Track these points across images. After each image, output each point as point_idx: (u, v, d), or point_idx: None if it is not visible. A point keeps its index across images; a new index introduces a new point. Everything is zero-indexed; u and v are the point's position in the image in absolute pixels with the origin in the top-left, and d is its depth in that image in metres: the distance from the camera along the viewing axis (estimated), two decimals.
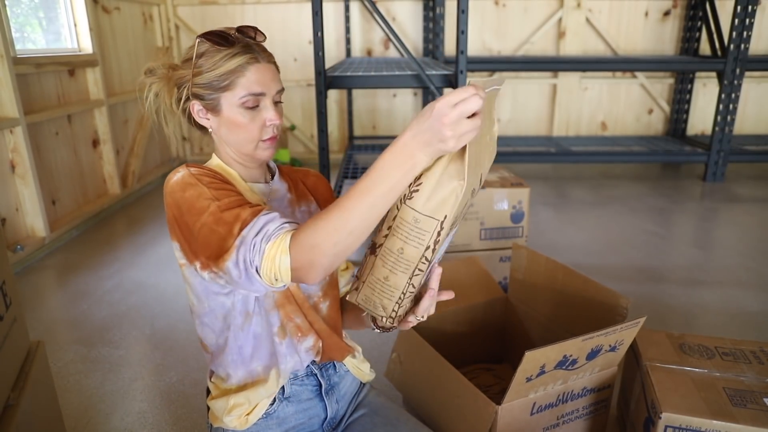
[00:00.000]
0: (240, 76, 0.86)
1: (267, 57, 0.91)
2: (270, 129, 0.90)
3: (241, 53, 0.86)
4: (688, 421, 1.13)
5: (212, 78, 0.87)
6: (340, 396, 1.04)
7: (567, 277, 1.46)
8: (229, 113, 0.88)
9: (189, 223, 0.81)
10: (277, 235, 0.75)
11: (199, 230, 0.80)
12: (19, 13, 3.00)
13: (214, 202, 0.80)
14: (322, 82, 2.72)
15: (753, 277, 2.45)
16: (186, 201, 0.82)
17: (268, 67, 0.90)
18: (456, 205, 0.69)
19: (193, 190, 0.82)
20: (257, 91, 0.87)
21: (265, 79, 0.88)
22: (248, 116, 0.88)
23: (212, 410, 0.99)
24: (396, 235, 0.73)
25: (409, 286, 0.76)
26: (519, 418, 1.16)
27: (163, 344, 1.98)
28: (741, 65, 3.69)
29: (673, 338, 1.40)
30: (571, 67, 4.08)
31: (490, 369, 1.69)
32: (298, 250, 0.72)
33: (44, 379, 1.16)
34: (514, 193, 2.11)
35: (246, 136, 0.89)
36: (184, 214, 0.82)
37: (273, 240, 0.74)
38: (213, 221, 0.79)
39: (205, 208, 0.80)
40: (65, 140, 3.10)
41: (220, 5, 4.45)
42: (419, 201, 0.70)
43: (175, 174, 0.86)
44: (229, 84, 0.87)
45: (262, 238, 0.75)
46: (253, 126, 0.89)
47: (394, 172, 0.67)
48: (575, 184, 4.02)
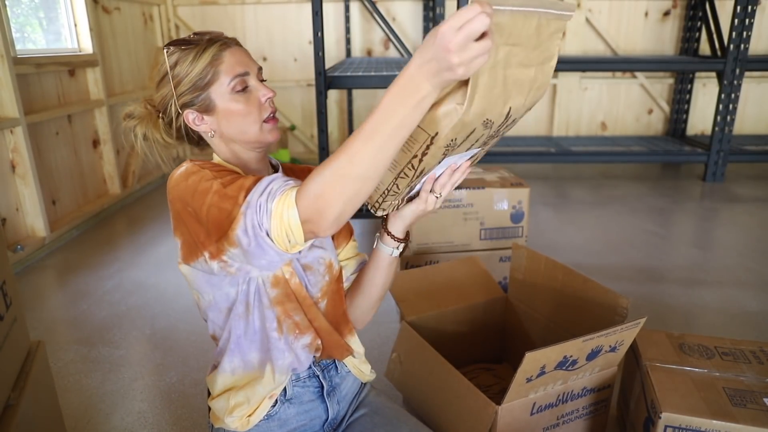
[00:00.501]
0: (219, 64, 0.86)
1: (234, 41, 0.91)
2: (268, 106, 0.90)
3: (210, 44, 0.87)
4: (688, 421, 1.13)
5: (194, 79, 0.86)
6: (341, 397, 1.04)
7: (567, 277, 1.46)
8: (223, 104, 0.88)
9: (196, 208, 0.81)
10: (282, 190, 0.73)
11: (207, 212, 0.79)
12: (19, 13, 3.01)
13: (216, 181, 0.80)
14: (322, 82, 2.72)
15: (753, 277, 2.45)
16: (189, 187, 0.82)
17: (239, 49, 0.90)
18: (450, 127, 0.66)
19: (195, 176, 0.83)
20: (241, 71, 0.87)
21: (244, 59, 0.89)
22: (242, 100, 0.88)
23: (213, 410, 0.98)
24: None
25: (393, 185, 0.81)
26: (519, 418, 1.16)
27: (163, 344, 1.98)
28: (741, 65, 3.69)
29: (672, 338, 1.40)
30: (570, 67, 4.08)
31: (490, 369, 1.69)
32: (305, 201, 0.70)
33: (44, 379, 1.16)
34: (514, 193, 2.11)
35: (247, 120, 0.88)
36: (189, 203, 0.82)
37: (278, 197, 0.73)
38: (218, 199, 0.79)
39: (209, 189, 0.80)
40: (65, 140, 3.11)
41: (220, 5, 4.45)
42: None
43: (178, 168, 0.87)
44: (212, 77, 0.87)
45: (267, 198, 0.74)
46: (250, 107, 0.88)
47: (401, 108, 0.62)
48: (575, 184, 4.02)
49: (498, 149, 4.09)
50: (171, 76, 0.88)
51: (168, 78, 0.88)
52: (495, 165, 2.53)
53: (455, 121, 0.66)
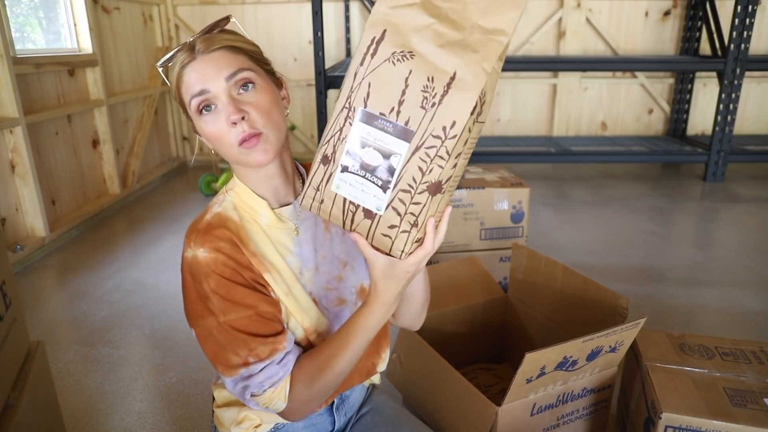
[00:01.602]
0: (181, 84, 0.76)
1: (207, 46, 0.75)
2: (238, 128, 0.75)
3: (178, 58, 0.76)
4: (689, 421, 1.12)
5: (177, 100, 0.79)
6: (348, 408, 1.02)
7: (567, 277, 1.46)
8: (199, 128, 0.79)
9: (192, 311, 0.80)
10: (283, 378, 0.80)
11: (204, 340, 0.80)
12: (18, 13, 3.00)
13: (220, 317, 0.77)
14: (322, 82, 2.72)
15: (753, 276, 2.45)
16: (190, 297, 0.80)
17: (207, 58, 0.75)
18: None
19: (202, 286, 0.77)
20: (196, 91, 0.75)
21: (205, 72, 0.74)
22: (210, 121, 0.76)
23: (219, 417, 0.95)
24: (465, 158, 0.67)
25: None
26: (519, 418, 1.16)
27: (163, 344, 1.98)
28: (741, 65, 3.68)
29: (673, 338, 1.40)
30: (571, 67, 4.08)
31: (490, 369, 1.69)
32: (296, 402, 0.80)
33: (44, 380, 1.16)
34: (514, 193, 2.11)
35: (221, 144, 0.77)
36: (192, 301, 0.80)
37: (277, 387, 0.79)
38: (217, 343, 0.78)
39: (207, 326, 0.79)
40: (65, 140, 3.10)
41: (220, 5, 4.45)
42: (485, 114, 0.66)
43: (187, 247, 0.78)
44: (182, 99, 0.78)
45: (270, 385, 0.79)
46: (219, 131, 0.76)
47: (375, 329, 0.79)
48: (575, 184, 4.01)
49: (498, 149, 4.09)
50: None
51: None
52: (495, 165, 2.53)
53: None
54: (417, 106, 0.62)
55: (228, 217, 0.82)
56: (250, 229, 0.82)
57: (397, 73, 0.63)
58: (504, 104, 4.71)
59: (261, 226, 0.83)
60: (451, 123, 0.61)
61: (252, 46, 0.80)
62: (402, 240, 0.68)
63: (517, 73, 4.59)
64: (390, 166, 0.65)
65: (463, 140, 0.63)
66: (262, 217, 0.84)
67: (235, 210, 0.83)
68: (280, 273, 0.84)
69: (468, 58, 0.60)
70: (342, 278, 0.91)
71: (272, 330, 0.80)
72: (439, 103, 0.62)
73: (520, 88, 4.66)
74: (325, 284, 0.89)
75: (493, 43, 0.60)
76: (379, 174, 0.65)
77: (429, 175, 0.63)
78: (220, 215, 0.82)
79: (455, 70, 0.61)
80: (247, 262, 0.80)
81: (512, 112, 4.75)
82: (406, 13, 0.63)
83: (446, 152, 0.62)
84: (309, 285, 0.87)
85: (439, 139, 0.62)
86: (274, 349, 0.79)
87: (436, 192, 0.64)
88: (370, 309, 0.78)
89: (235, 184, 0.86)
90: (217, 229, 0.79)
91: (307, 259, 0.87)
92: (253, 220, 0.83)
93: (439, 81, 0.61)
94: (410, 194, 0.65)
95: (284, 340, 0.80)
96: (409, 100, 0.63)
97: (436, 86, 0.62)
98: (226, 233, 0.79)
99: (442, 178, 0.64)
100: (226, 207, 0.83)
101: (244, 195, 0.84)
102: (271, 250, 0.83)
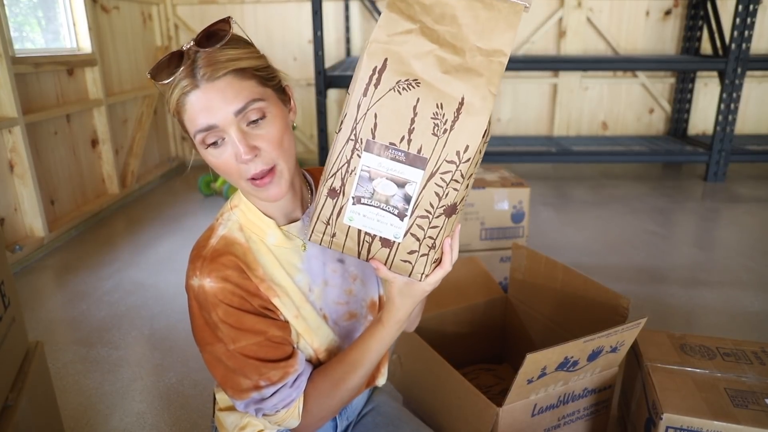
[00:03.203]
0: (183, 113, 0.69)
1: (211, 73, 0.67)
2: (249, 165, 0.70)
3: (182, 82, 0.67)
4: (689, 421, 1.12)
5: (173, 115, 0.72)
6: (351, 412, 1.02)
7: (567, 277, 1.45)
8: (203, 155, 0.73)
9: (200, 337, 0.78)
10: (296, 398, 0.80)
11: (213, 366, 0.79)
12: (17, 13, 3.00)
13: (230, 345, 0.76)
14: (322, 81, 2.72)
15: (754, 277, 2.45)
16: (197, 324, 0.78)
17: (212, 87, 0.67)
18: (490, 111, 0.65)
19: (210, 315, 0.75)
20: (203, 126, 0.68)
21: (211, 105, 0.67)
22: (215, 155, 0.71)
23: (221, 420, 0.95)
24: (474, 177, 0.70)
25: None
26: (520, 419, 1.15)
27: (163, 345, 1.97)
28: (742, 65, 3.68)
29: (674, 338, 1.40)
30: (571, 66, 4.08)
31: (491, 369, 1.69)
32: (309, 419, 0.82)
33: (43, 380, 1.16)
34: (515, 193, 2.11)
35: (228, 176, 0.73)
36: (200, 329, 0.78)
37: (290, 407, 0.80)
38: (228, 358, 0.77)
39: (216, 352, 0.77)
40: (64, 140, 3.10)
41: (220, 5, 4.44)
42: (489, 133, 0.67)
43: (193, 275, 0.75)
44: (183, 125, 0.71)
45: (284, 406, 0.80)
46: (226, 165, 0.71)
47: (388, 344, 0.81)
48: (575, 184, 4.01)
49: (498, 149, 4.09)
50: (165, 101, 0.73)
51: None
52: (495, 165, 2.53)
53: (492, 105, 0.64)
54: (428, 134, 0.63)
55: (234, 241, 0.79)
56: (257, 251, 0.80)
57: (404, 102, 0.63)
58: (504, 104, 4.71)
59: (268, 246, 0.81)
60: (465, 147, 0.63)
61: (258, 59, 0.72)
62: (422, 263, 0.69)
63: (518, 73, 4.58)
64: (405, 194, 0.65)
65: (475, 162, 0.65)
66: (269, 237, 0.81)
67: (241, 231, 0.80)
68: (289, 295, 0.82)
69: (474, 82, 0.61)
70: (352, 292, 0.90)
71: (283, 354, 0.79)
72: (450, 129, 0.62)
73: (520, 87, 4.65)
74: (336, 299, 0.88)
75: (494, 64, 0.61)
76: (395, 203, 0.66)
77: (445, 199, 0.65)
78: (226, 239, 0.79)
79: (463, 95, 0.62)
80: (255, 289, 0.78)
81: (513, 112, 4.74)
82: (406, 40, 0.62)
83: (461, 176, 0.64)
84: (319, 301, 0.86)
85: (454, 164, 0.63)
86: (286, 372, 0.78)
87: (452, 213, 0.67)
88: (385, 325, 0.79)
89: (240, 200, 0.82)
90: (223, 256, 0.76)
91: (316, 274, 0.86)
92: (260, 241, 0.81)
93: (448, 107, 0.62)
94: (428, 219, 0.66)
95: (295, 363, 0.80)
96: (420, 128, 0.63)
97: (446, 113, 0.62)
98: (233, 260, 0.76)
99: (457, 200, 0.66)
100: (231, 228, 0.80)
101: (251, 214, 0.81)
102: (279, 271, 0.81)
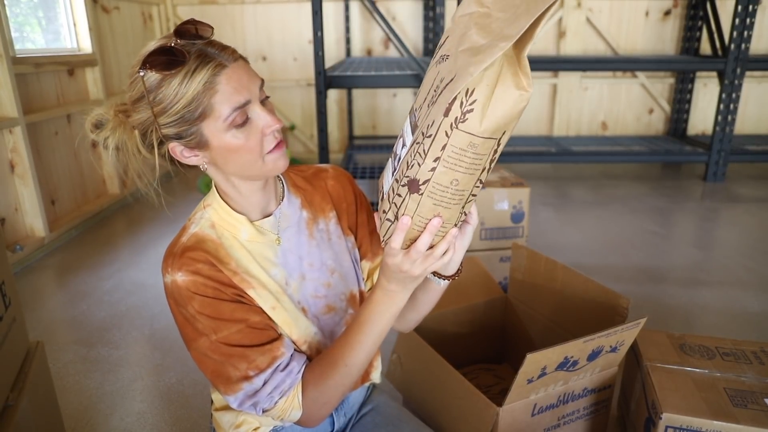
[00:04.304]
0: (213, 94, 0.69)
1: (231, 54, 0.72)
2: (270, 136, 0.75)
3: (201, 65, 0.69)
4: (689, 421, 1.12)
5: (181, 111, 0.70)
6: (348, 408, 1.01)
7: (567, 277, 1.46)
8: (219, 142, 0.73)
9: (184, 335, 0.78)
10: (292, 386, 0.78)
11: (200, 361, 0.78)
12: (18, 13, 3.00)
13: (212, 336, 0.76)
14: (322, 81, 2.72)
15: (754, 277, 2.45)
16: (178, 321, 0.78)
17: (238, 66, 0.72)
18: (517, 118, 0.60)
19: (181, 313, 0.76)
20: (241, 102, 0.71)
21: (243, 82, 0.71)
22: (242, 135, 0.73)
23: (217, 420, 0.95)
24: (448, 167, 0.62)
25: (461, 215, 0.69)
26: (520, 419, 1.15)
27: (163, 345, 1.97)
28: (742, 65, 3.68)
29: (673, 338, 1.40)
30: (571, 66, 4.08)
31: (491, 369, 1.69)
32: (311, 407, 0.79)
33: (43, 380, 1.16)
34: (515, 193, 2.11)
35: (247, 157, 0.75)
36: (181, 325, 0.78)
37: (287, 395, 0.78)
38: (214, 362, 0.77)
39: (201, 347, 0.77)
40: (65, 140, 3.10)
41: (220, 5, 4.45)
42: (474, 123, 0.58)
43: (165, 273, 0.76)
44: (204, 110, 0.70)
45: (280, 395, 0.78)
46: (251, 143, 0.73)
47: (383, 318, 0.77)
48: (575, 184, 4.01)
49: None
50: (150, 100, 0.70)
51: (146, 102, 0.71)
52: (495, 165, 2.52)
53: (525, 103, 0.59)
54: (426, 104, 0.65)
55: (205, 238, 0.80)
56: (229, 246, 0.81)
57: (433, 75, 0.65)
58: None
59: (241, 242, 0.82)
60: (431, 122, 0.61)
61: None
62: (386, 227, 0.72)
63: None
64: (400, 156, 0.69)
65: (440, 144, 0.60)
66: (242, 233, 0.82)
67: (213, 228, 0.81)
68: (266, 287, 0.82)
69: (467, 61, 0.59)
70: (330, 285, 0.90)
71: (267, 338, 0.79)
72: (433, 103, 0.62)
73: None
74: (313, 292, 0.88)
75: (494, 48, 0.58)
76: (394, 161, 0.71)
77: (410, 170, 0.65)
78: (197, 236, 0.80)
79: (455, 73, 0.60)
80: (228, 280, 0.78)
81: None
82: (462, 21, 0.65)
83: (423, 151, 0.62)
84: (296, 294, 0.86)
85: (424, 137, 0.62)
86: (274, 357, 0.78)
87: (412, 190, 0.65)
88: (372, 297, 0.77)
89: (213, 199, 0.83)
90: (193, 251, 0.77)
91: (293, 268, 0.86)
92: (233, 237, 0.81)
93: (443, 82, 0.62)
94: (397, 185, 0.68)
95: (281, 346, 0.79)
96: (428, 98, 0.65)
97: (440, 86, 0.62)
98: (203, 255, 0.77)
99: (419, 177, 0.63)
100: (203, 226, 0.81)
101: (223, 212, 0.82)
102: (253, 265, 0.82)
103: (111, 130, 0.76)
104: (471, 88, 0.57)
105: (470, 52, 0.59)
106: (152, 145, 0.75)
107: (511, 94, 0.57)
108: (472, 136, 0.59)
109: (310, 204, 0.91)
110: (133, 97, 0.73)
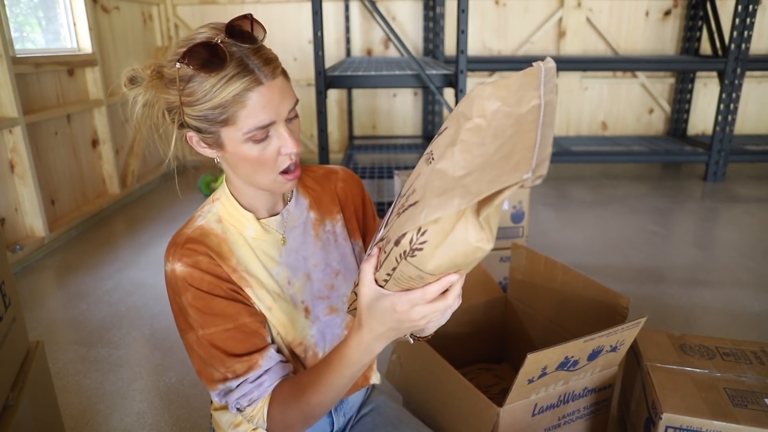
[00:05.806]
0: (240, 107, 0.69)
1: (271, 71, 0.71)
2: (286, 158, 0.75)
3: (238, 76, 0.68)
4: (689, 421, 1.12)
5: (206, 111, 0.71)
6: (348, 408, 1.01)
7: (567, 277, 1.46)
8: (234, 149, 0.74)
9: (177, 325, 0.81)
10: (260, 398, 0.78)
11: (190, 352, 0.80)
12: (18, 13, 3.00)
13: (199, 331, 0.77)
14: (322, 81, 2.72)
15: (754, 277, 2.45)
16: (174, 310, 0.80)
17: (274, 85, 0.71)
18: (475, 263, 0.57)
19: (181, 299, 0.77)
20: (265, 123, 0.71)
21: (273, 102, 0.71)
22: (257, 149, 0.73)
23: (216, 420, 0.95)
24: (398, 284, 0.60)
25: None
26: (520, 419, 1.15)
27: (163, 344, 1.97)
28: (742, 65, 3.68)
29: (673, 338, 1.40)
30: (571, 66, 4.08)
31: (491, 369, 1.69)
32: (274, 425, 0.78)
33: (43, 380, 1.16)
34: (514, 193, 2.11)
35: (258, 171, 0.75)
36: (176, 315, 0.80)
37: (254, 406, 0.78)
38: (200, 358, 0.79)
39: (190, 340, 0.78)
40: (64, 140, 3.10)
41: (220, 5, 4.44)
42: (423, 261, 0.54)
43: (166, 261, 0.78)
44: (228, 118, 0.70)
45: (247, 403, 0.78)
46: (264, 158, 0.74)
47: (354, 367, 0.70)
48: (575, 184, 4.01)
49: None
50: (180, 89, 0.71)
51: (177, 88, 0.72)
52: None
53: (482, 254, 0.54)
54: (396, 211, 0.61)
55: (209, 231, 0.80)
56: (233, 242, 0.81)
57: (416, 174, 0.62)
58: None
59: (246, 239, 0.82)
60: (389, 237, 0.59)
61: None
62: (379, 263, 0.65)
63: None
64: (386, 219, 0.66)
65: (391, 265, 0.58)
66: (248, 230, 0.82)
67: (219, 223, 0.82)
68: (264, 286, 0.82)
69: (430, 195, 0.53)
70: (334, 287, 0.90)
71: (251, 347, 0.78)
72: (398, 214, 0.59)
73: None
74: (317, 293, 0.88)
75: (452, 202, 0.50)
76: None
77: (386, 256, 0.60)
78: (202, 229, 0.80)
79: (419, 198, 0.55)
80: (226, 275, 0.79)
81: None
82: (458, 122, 0.59)
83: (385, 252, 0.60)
84: (300, 294, 0.86)
85: (386, 242, 0.59)
86: (249, 367, 0.77)
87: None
88: (348, 343, 0.69)
89: (222, 194, 0.84)
90: (196, 243, 0.78)
91: (297, 268, 0.86)
92: (239, 233, 0.82)
93: (411, 198, 0.57)
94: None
95: (261, 358, 0.78)
96: (400, 202, 0.61)
97: (409, 198, 0.57)
98: (204, 249, 0.78)
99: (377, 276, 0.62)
100: (209, 219, 0.82)
101: (231, 207, 0.82)
102: (254, 262, 0.82)
103: (144, 88, 0.76)
104: (423, 228, 0.53)
105: (439, 183, 0.54)
106: (174, 121, 0.76)
107: (466, 245, 0.52)
108: (420, 271, 0.56)
109: (319, 205, 0.91)
110: (169, 76, 0.73)
